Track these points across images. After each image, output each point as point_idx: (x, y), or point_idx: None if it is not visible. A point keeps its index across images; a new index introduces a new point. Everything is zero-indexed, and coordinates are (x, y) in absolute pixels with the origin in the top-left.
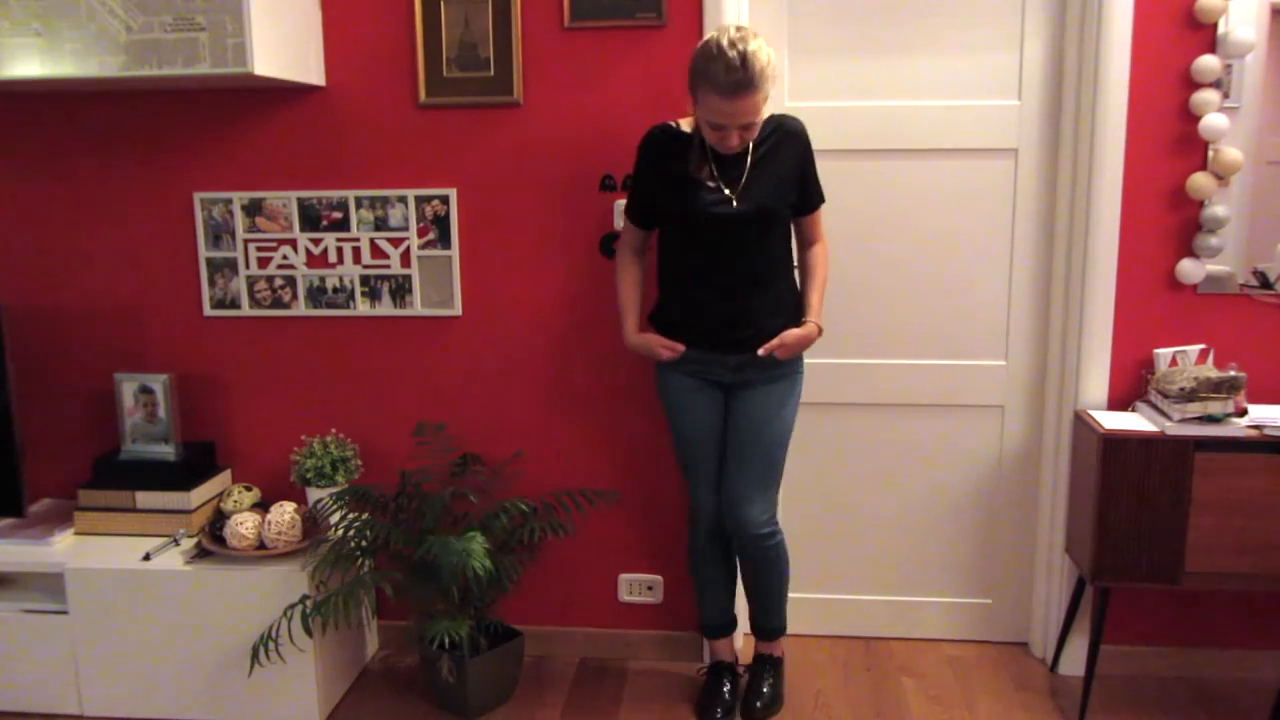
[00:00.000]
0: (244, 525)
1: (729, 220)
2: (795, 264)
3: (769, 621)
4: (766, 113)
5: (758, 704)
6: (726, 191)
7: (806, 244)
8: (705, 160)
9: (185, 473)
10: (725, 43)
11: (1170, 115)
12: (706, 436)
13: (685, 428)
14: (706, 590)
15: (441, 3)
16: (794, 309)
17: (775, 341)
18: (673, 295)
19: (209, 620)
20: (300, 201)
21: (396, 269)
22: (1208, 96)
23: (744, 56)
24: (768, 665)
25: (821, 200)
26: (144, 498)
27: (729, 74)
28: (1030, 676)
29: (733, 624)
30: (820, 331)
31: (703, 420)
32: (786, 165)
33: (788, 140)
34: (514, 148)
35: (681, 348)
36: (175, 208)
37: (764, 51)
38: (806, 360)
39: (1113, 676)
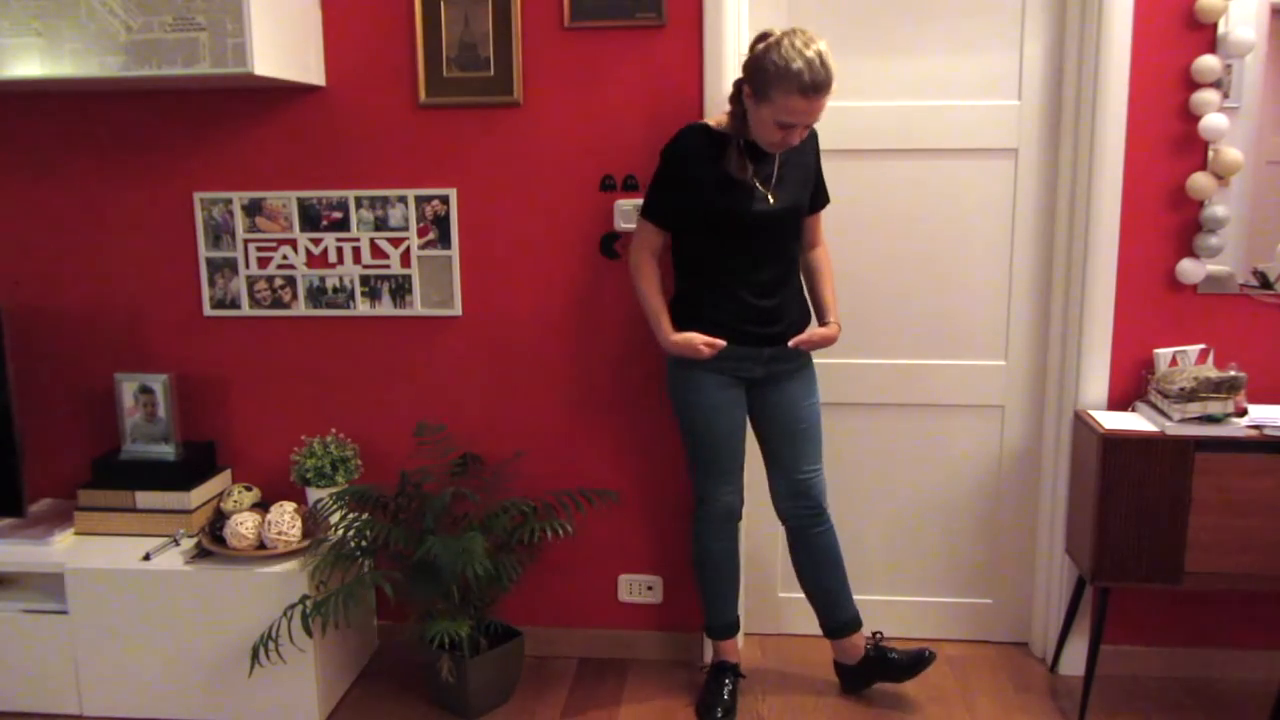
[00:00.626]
0: (244, 525)
1: (768, 218)
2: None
3: (849, 609)
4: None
5: (904, 662)
6: (762, 189)
7: (809, 246)
8: (745, 160)
9: (185, 473)
10: (799, 44)
11: (1170, 115)
12: (735, 433)
13: (716, 424)
14: (715, 590)
15: (441, 3)
16: (807, 303)
17: (805, 336)
18: (703, 295)
19: (209, 620)
20: (300, 201)
21: (396, 269)
22: (1208, 96)
23: (821, 56)
24: (882, 656)
25: (828, 200)
26: (144, 498)
27: (812, 73)
28: (1030, 676)
29: (737, 624)
30: (839, 331)
31: (734, 417)
32: (807, 163)
33: (807, 139)
34: (514, 148)
35: (723, 343)
36: (175, 208)
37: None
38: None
39: (1113, 676)
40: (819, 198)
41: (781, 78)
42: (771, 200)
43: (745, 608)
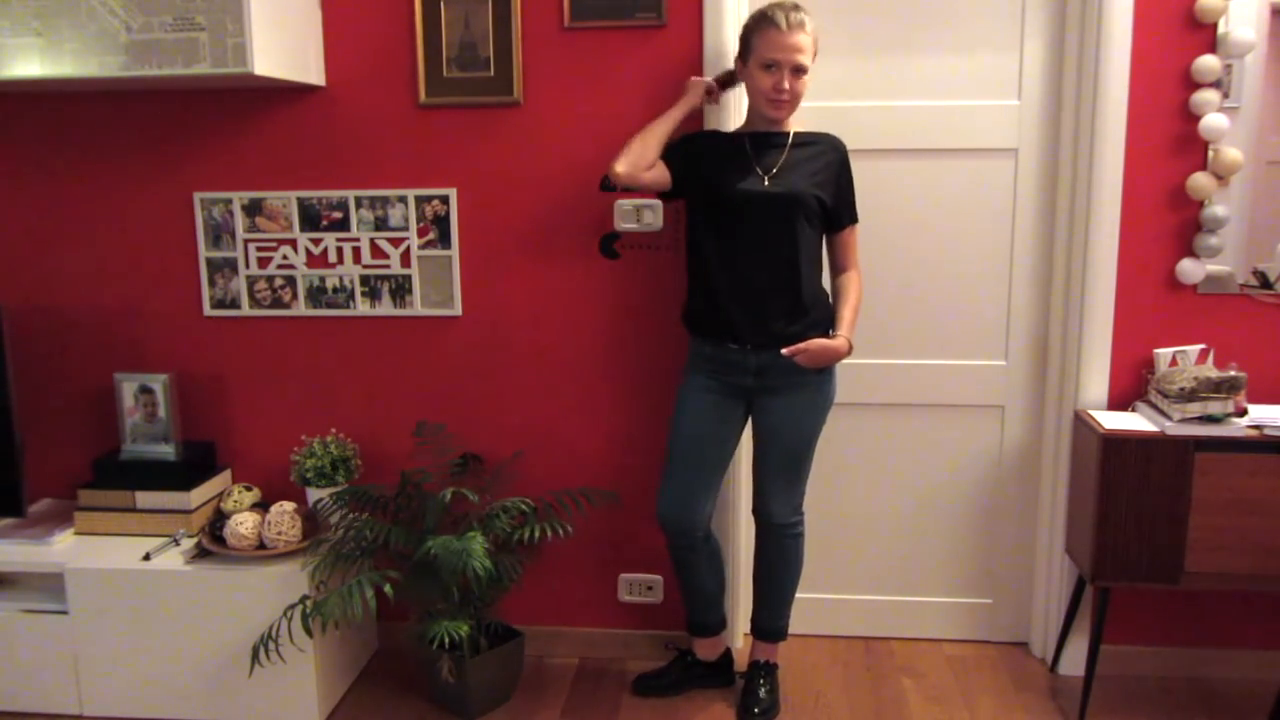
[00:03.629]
0: (244, 525)
1: (758, 200)
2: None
3: (772, 620)
4: (811, 126)
5: (755, 710)
6: (760, 171)
7: (838, 269)
8: (747, 145)
9: (185, 473)
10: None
11: (1170, 115)
12: (697, 439)
13: (680, 423)
14: (683, 590)
15: (441, 3)
16: (823, 325)
17: (800, 345)
18: (699, 289)
19: (209, 620)
20: (300, 201)
21: (396, 269)
22: (1208, 96)
23: (796, 4)
24: (763, 671)
25: (853, 220)
26: (144, 498)
27: (784, 10)
28: (1030, 676)
29: (707, 627)
30: (850, 348)
31: (701, 423)
32: (823, 167)
33: (830, 151)
34: (514, 148)
35: (707, 80)
36: (175, 208)
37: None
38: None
39: (1113, 676)
40: (841, 213)
41: (759, 21)
42: (766, 183)
43: (745, 607)
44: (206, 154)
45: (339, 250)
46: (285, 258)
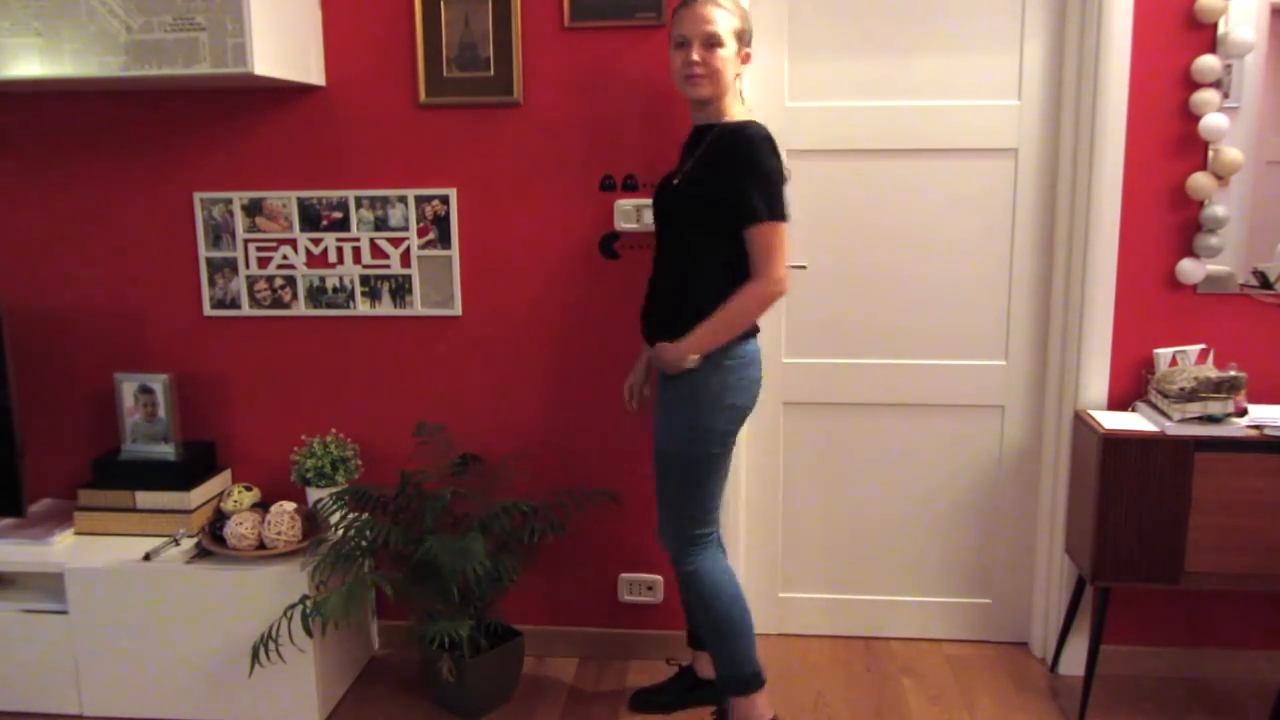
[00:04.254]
0: (244, 525)
1: (655, 202)
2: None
3: (715, 667)
4: (813, 126)
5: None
6: (678, 170)
7: (746, 275)
8: (689, 138)
9: (185, 473)
10: None
11: (1170, 115)
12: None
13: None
14: (683, 600)
15: (441, 3)
16: (690, 317)
17: (659, 345)
18: None
19: (209, 620)
20: (300, 201)
21: (396, 269)
22: (1208, 96)
23: None
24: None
25: (747, 219)
26: (144, 498)
27: None
28: (1030, 676)
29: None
30: (682, 355)
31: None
32: (713, 158)
33: (726, 137)
34: (514, 148)
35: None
36: (175, 208)
37: None
38: (805, 360)
39: (1113, 676)
40: (734, 206)
41: (674, 11)
42: (675, 181)
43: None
44: (206, 154)
45: (339, 250)
46: (285, 258)
